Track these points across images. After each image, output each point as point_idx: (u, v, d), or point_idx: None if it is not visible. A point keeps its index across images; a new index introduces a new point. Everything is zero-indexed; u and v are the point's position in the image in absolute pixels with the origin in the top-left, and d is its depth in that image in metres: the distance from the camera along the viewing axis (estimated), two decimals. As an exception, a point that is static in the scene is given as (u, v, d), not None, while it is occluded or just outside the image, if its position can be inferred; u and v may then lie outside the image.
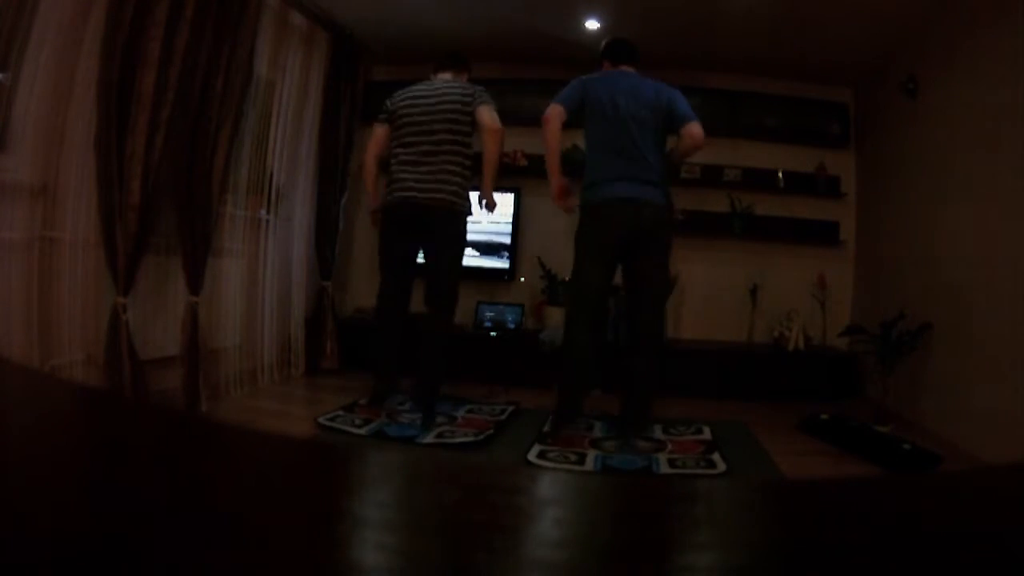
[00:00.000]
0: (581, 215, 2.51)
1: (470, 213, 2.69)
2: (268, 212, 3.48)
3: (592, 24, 3.64)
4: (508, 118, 4.22)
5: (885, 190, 3.76)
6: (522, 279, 4.24)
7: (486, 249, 4.16)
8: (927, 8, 3.06)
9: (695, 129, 2.46)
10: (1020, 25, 2.53)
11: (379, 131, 2.78)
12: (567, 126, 2.54)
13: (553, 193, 2.56)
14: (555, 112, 2.49)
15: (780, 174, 4.09)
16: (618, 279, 2.66)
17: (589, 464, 2.38)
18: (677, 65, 4.04)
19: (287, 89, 3.58)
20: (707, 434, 2.80)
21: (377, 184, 2.84)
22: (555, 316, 3.92)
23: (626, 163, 2.41)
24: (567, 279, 3.96)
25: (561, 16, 3.56)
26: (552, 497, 0.27)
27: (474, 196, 2.77)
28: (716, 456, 2.49)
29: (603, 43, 2.71)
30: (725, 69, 4.11)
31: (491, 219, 3.53)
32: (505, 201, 4.16)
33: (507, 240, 4.17)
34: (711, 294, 4.23)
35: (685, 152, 2.55)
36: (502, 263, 4.18)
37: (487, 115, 2.58)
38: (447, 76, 2.77)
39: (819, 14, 3.23)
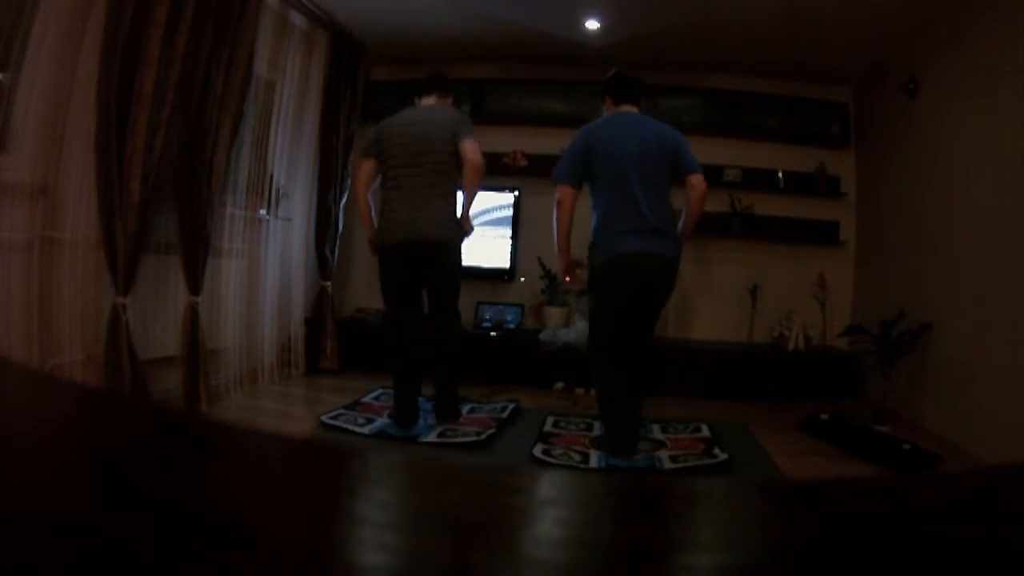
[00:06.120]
0: (589, 271, 2.46)
1: (462, 238, 2.72)
2: (268, 212, 3.48)
3: (592, 24, 3.64)
4: (508, 118, 4.27)
5: (885, 190, 3.76)
6: (522, 279, 4.24)
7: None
8: (927, 8, 3.06)
9: (699, 181, 2.42)
10: (1020, 26, 2.53)
11: (367, 165, 2.74)
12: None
13: (562, 271, 2.65)
14: (568, 195, 2.43)
15: (780, 174, 4.10)
16: None
17: (593, 462, 2.38)
18: (677, 65, 4.05)
19: (287, 89, 3.58)
20: (706, 432, 2.80)
21: (371, 216, 2.79)
22: (555, 316, 3.92)
23: (632, 212, 2.34)
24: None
25: (561, 16, 3.56)
26: (552, 497, 0.27)
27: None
28: (716, 449, 2.51)
29: (606, 77, 2.59)
30: (725, 69, 4.11)
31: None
32: (504, 204, 4.19)
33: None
34: (711, 294, 4.23)
35: (692, 219, 2.51)
36: (503, 264, 4.20)
37: (471, 151, 2.60)
38: (431, 101, 2.74)
39: (819, 14, 3.23)
